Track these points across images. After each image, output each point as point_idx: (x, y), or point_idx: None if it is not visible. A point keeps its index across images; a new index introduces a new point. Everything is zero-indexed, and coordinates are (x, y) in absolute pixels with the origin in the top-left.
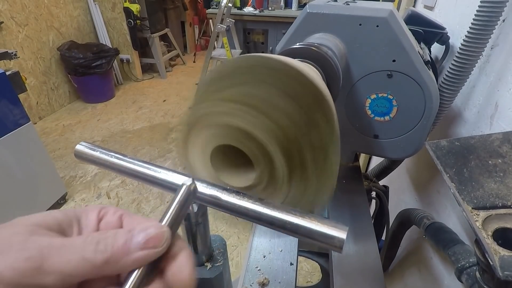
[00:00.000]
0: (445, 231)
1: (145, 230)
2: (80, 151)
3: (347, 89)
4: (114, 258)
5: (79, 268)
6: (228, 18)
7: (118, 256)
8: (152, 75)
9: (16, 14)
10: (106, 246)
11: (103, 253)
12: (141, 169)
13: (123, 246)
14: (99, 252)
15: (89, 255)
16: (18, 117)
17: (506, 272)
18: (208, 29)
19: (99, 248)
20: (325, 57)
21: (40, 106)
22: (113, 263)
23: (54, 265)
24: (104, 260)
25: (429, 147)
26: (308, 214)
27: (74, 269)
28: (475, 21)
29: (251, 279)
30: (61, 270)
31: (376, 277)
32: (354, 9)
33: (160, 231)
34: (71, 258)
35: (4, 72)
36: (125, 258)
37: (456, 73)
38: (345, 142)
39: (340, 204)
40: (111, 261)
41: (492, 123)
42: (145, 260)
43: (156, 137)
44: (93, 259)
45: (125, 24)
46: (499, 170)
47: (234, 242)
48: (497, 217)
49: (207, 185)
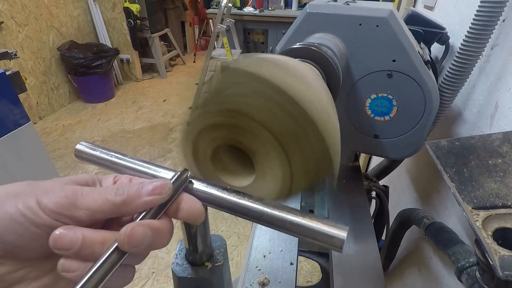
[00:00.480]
0: (445, 231)
1: (153, 182)
2: (80, 150)
3: (347, 89)
4: (129, 200)
5: (103, 207)
6: (228, 18)
7: (132, 198)
8: (152, 75)
9: (16, 14)
10: (124, 191)
11: (121, 195)
12: (141, 169)
13: (136, 191)
14: (118, 195)
15: (111, 197)
16: (18, 117)
17: (506, 272)
18: (208, 29)
19: (118, 192)
20: (325, 57)
21: (40, 106)
22: (128, 204)
23: (84, 203)
24: (122, 201)
25: (429, 147)
26: (309, 214)
27: (99, 207)
28: (475, 21)
29: (251, 279)
30: (90, 207)
31: (376, 277)
32: (354, 9)
33: (164, 183)
34: (97, 198)
35: (4, 72)
36: (138, 200)
37: (456, 73)
38: (345, 142)
39: (340, 204)
40: (127, 202)
41: (492, 123)
42: (152, 203)
43: (156, 137)
44: (113, 199)
45: (125, 24)
46: (499, 170)
47: (234, 242)
48: (497, 217)
49: (207, 184)
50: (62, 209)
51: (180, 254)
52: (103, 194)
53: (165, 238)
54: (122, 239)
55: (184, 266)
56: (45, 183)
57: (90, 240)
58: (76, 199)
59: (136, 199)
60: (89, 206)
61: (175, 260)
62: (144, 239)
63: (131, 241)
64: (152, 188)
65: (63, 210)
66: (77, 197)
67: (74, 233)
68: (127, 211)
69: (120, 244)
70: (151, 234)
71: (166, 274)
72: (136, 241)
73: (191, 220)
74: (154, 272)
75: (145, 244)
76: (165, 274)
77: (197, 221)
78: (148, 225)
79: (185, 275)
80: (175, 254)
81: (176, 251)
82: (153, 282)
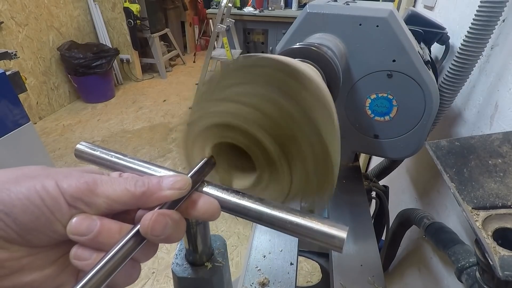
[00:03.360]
0: (445, 231)
1: (173, 177)
2: (80, 150)
3: (347, 89)
4: (149, 192)
5: (122, 196)
6: (228, 18)
7: (152, 191)
8: (152, 75)
9: (16, 14)
10: (144, 183)
11: (141, 187)
12: (142, 169)
13: (156, 184)
14: (138, 186)
15: (131, 187)
16: (18, 117)
17: (506, 272)
18: (208, 29)
19: (138, 184)
20: (325, 57)
21: (40, 106)
22: (147, 196)
23: (104, 191)
24: (142, 192)
25: (429, 147)
26: (309, 214)
27: (118, 197)
28: (475, 21)
29: (251, 279)
30: (109, 195)
31: (376, 277)
32: (354, 9)
33: (184, 178)
34: (117, 188)
35: (4, 72)
36: (158, 193)
37: (456, 73)
38: (345, 142)
39: (340, 204)
40: (147, 194)
41: (492, 123)
42: (171, 198)
43: (156, 137)
44: (133, 190)
45: (125, 24)
46: (499, 170)
47: (234, 242)
48: (497, 217)
49: (206, 184)
50: (82, 195)
51: (180, 254)
52: (123, 184)
53: (182, 232)
54: (146, 224)
55: (184, 266)
56: (63, 169)
57: (108, 228)
58: (96, 187)
59: (156, 192)
60: (109, 194)
61: (175, 260)
62: (166, 229)
63: (154, 228)
64: (172, 183)
65: (82, 195)
66: (97, 185)
67: (92, 220)
68: (145, 203)
69: (143, 230)
70: (172, 225)
71: (166, 274)
72: (159, 229)
73: (207, 217)
74: (154, 272)
75: (166, 234)
76: (165, 274)
77: (213, 217)
78: (169, 216)
79: (185, 275)
80: (175, 254)
81: (176, 251)
82: (153, 282)
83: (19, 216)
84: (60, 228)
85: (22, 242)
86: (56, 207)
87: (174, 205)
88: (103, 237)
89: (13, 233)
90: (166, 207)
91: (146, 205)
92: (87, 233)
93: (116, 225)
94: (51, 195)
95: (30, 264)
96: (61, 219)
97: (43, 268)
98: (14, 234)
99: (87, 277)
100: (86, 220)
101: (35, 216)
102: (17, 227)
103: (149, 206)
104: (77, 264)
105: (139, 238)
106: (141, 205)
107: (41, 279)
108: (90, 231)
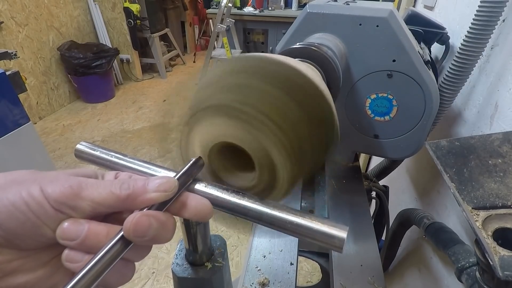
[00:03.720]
0: (445, 231)
1: (159, 179)
2: (80, 150)
3: (347, 89)
4: (134, 195)
5: (107, 199)
6: (228, 18)
7: (138, 193)
8: (152, 75)
9: (16, 14)
10: (129, 186)
11: (126, 190)
12: (142, 169)
13: (141, 187)
14: (123, 189)
15: (116, 190)
16: (18, 117)
17: (506, 272)
18: (208, 29)
19: (123, 186)
20: (325, 57)
21: (40, 106)
22: (133, 198)
23: (89, 194)
24: (127, 195)
25: (429, 147)
26: (308, 214)
27: (103, 200)
28: (475, 21)
29: (251, 279)
30: (94, 198)
31: (376, 277)
32: (354, 9)
33: (170, 180)
34: (102, 191)
35: (4, 72)
36: (143, 195)
37: (456, 73)
38: (345, 142)
39: (340, 204)
40: (132, 196)
41: (492, 123)
42: (157, 200)
43: (156, 137)
44: (118, 193)
45: (125, 24)
46: (499, 170)
47: (234, 242)
48: (497, 217)
49: (206, 184)
50: (66, 199)
51: (180, 254)
52: (108, 187)
53: (170, 232)
54: (128, 227)
55: (184, 266)
56: (50, 173)
57: (95, 231)
58: (80, 190)
59: (141, 194)
60: (93, 198)
61: (175, 260)
62: (149, 229)
63: (136, 229)
64: (158, 185)
65: (67, 200)
66: (82, 188)
67: (80, 224)
68: (131, 206)
69: (125, 233)
70: (157, 225)
71: (166, 274)
72: (142, 231)
73: (200, 217)
74: (154, 272)
75: (150, 235)
76: (165, 274)
77: (206, 218)
78: (153, 216)
79: (185, 275)
80: (175, 254)
81: (176, 251)
82: (153, 282)
83: (5, 222)
84: (48, 232)
85: (11, 246)
86: (42, 212)
87: (162, 206)
88: (90, 241)
89: (1, 239)
90: (154, 208)
91: (133, 207)
92: (75, 238)
93: (104, 228)
94: (36, 201)
95: (22, 266)
96: (48, 223)
97: (35, 270)
98: (1, 239)
99: (72, 281)
100: (74, 225)
101: (21, 221)
102: (4, 232)
103: (135, 209)
104: (69, 266)
105: (126, 240)
106: (127, 207)
107: (34, 280)
108: (78, 235)
